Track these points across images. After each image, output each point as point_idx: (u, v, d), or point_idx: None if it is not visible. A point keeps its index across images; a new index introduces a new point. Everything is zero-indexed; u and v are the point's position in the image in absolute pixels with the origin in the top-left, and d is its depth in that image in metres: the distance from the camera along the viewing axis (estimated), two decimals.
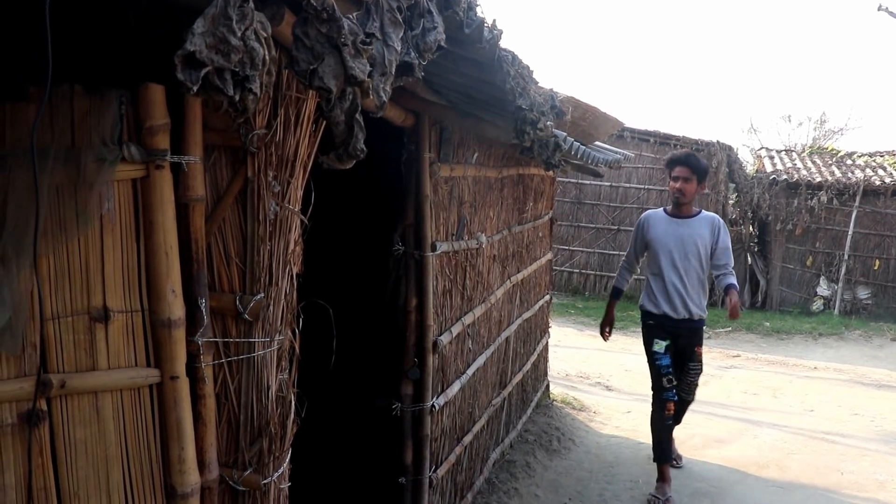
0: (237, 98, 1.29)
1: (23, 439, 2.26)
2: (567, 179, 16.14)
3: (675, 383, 6.16)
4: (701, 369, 6.35)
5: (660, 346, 6.15)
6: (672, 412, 6.25)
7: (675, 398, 6.22)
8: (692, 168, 5.92)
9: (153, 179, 2.34)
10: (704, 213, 6.16)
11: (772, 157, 18.16)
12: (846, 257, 16.09)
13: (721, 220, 6.11)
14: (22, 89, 2.23)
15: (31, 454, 2.26)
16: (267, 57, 1.33)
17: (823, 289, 16.34)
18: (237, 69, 1.26)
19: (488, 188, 5.41)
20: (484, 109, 3.93)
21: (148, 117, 2.31)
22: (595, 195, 17.17)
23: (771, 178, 16.62)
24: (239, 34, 1.25)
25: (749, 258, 17.03)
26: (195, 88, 1.22)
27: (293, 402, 2.68)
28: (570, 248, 17.20)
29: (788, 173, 16.67)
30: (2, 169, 2.13)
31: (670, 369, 6.12)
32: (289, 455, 2.71)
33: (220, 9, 1.24)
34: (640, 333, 6.52)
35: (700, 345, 6.28)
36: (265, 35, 1.34)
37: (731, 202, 17.52)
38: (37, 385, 2.24)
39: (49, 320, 2.27)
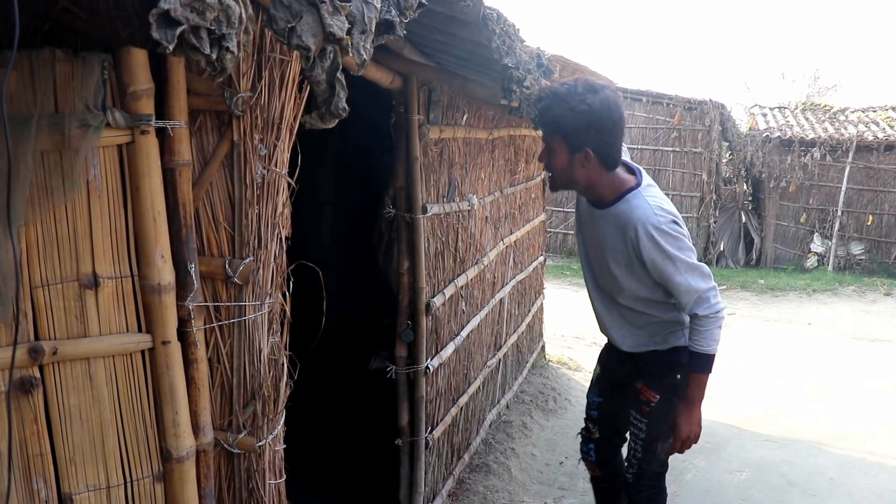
0: (214, 57, 1.29)
1: (17, 407, 2.27)
2: None
3: (595, 436, 4.08)
4: (655, 432, 3.61)
5: (595, 371, 4.22)
6: (598, 476, 4.16)
7: (595, 460, 4.12)
8: (551, 129, 3.29)
9: (139, 145, 2.33)
10: (624, 203, 3.30)
11: (765, 115, 18.10)
12: (839, 213, 16.11)
13: (644, 224, 3.20)
14: (1, 56, 2.22)
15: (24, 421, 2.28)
16: (244, 15, 1.33)
17: (817, 245, 16.39)
18: (213, 27, 1.25)
19: (479, 150, 5.39)
20: (471, 70, 3.90)
21: (131, 82, 2.29)
22: None
23: (764, 135, 16.58)
24: None
25: (743, 216, 17.05)
26: (171, 47, 1.21)
27: (286, 365, 2.70)
28: (565, 210, 17.19)
29: (781, 130, 16.64)
30: None
31: (594, 411, 4.08)
32: (283, 417, 2.73)
33: None
34: None
35: (647, 384, 3.62)
36: None
37: (724, 160, 17.51)
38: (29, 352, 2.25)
39: (39, 287, 2.27)
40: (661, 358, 3.56)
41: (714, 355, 3.32)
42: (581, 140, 3.19)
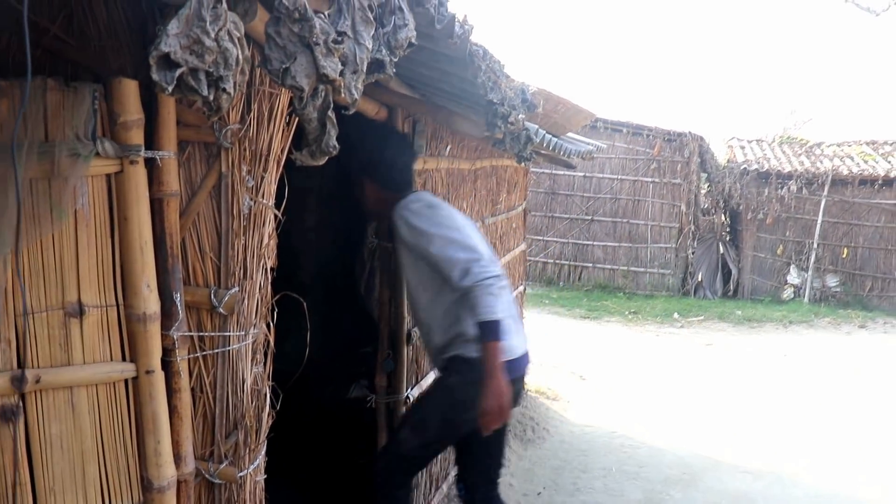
0: (211, 98, 1.31)
1: None
2: (541, 170, 16.22)
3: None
4: (405, 419, 4.06)
5: None
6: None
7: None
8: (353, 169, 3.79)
9: (127, 175, 2.34)
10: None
11: (743, 147, 18.35)
12: (815, 246, 16.32)
13: (398, 210, 3.57)
14: None
15: (4, 450, 2.27)
16: (240, 57, 1.36)
17: (794, 277, 16.57)
18: (211, 69, 1.28)
19: (461, 180, 5.44)
20: (456, 103, 3.96)
21: (122, 112, 2.31)
22: (569, 186, 17.27)
23: (742, 167, 16.80)
24: (213, 35, 1.27)
25: (721, 247, 17.21)
26: (170, 88, 1.24)
27: (268, 395, 2.71)
28: (545, 238, 17.29)
29: (759, 163, 16.86)
30: None
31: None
32: (264, 448, 2.73)
33: (193, 10, 1.26)
34: (611, 324, 6.46)
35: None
36: (238, 35, 1.36)
37: (703, 192, 17.70)
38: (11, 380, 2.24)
39: (23, 315, 2.27)
40: (451, 365, 3.67)
41: (498, 321, 3.32)
42: (373, 175, 3.71)
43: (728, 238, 17.48)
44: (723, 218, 17.62)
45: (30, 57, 1.42)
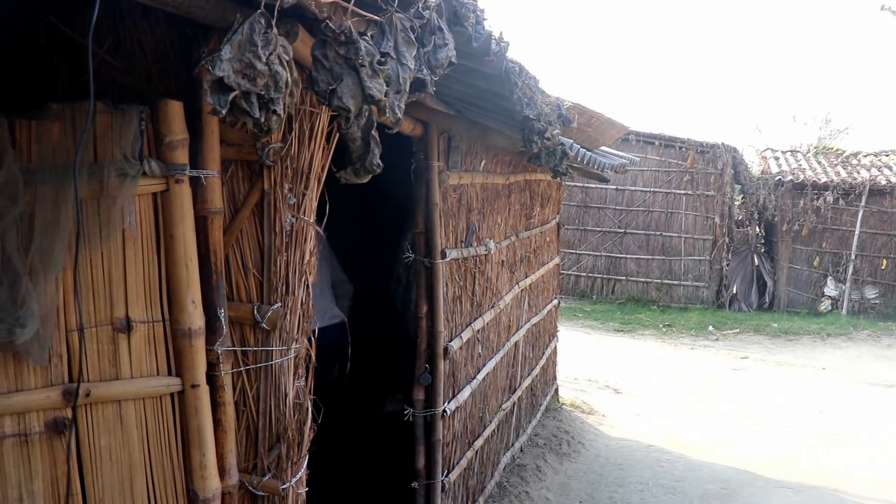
0: (262, 119, 1.36)
1: (50, 447, 2.32)
2: (573, 183, 16.19)
3: None
4: None
5: None
6: None
7: None
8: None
9: (173, 193, 2.40)
10: None
11: (777, 158, 18.17)
12: (853, 257, 16.10)
13: None
14: (45, 107, 2.30)
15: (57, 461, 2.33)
16: (289, 79, 1.40)
17: (831, 289, 16.34)
18: (263, 92, 1.33)
19: (496, 195, 5.47)
20: (491, 118, 3.99)
21: (167, 133, 2.37)
22: (601, 199, 17.21)
23: (776, 178, 16.63)
24: (264, 59, 1.31)
25: (756, 259, 17.04)
26: (224, 112, 1.28)
27: (310, 409, 2.75)
28: (577, 251, 17.24)
29: (794, 174, 16.68)
30: (29, 185, 2.20)
31: None
32: (306, 460, 2.77)
33: (245, 35, 1.30)
34: (645, 337, 6.43)
35: None
36: (287, 58, 1.41)
37: (737, 203, 17.55)
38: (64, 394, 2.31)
39: (74, 331, 2.33)
40: None
41: None
42: None
43: (763, 250, 17.30)
44: (757, 230, 17.45)
45: (92, 85, 1.47)
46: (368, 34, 1.70)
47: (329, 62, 1.51)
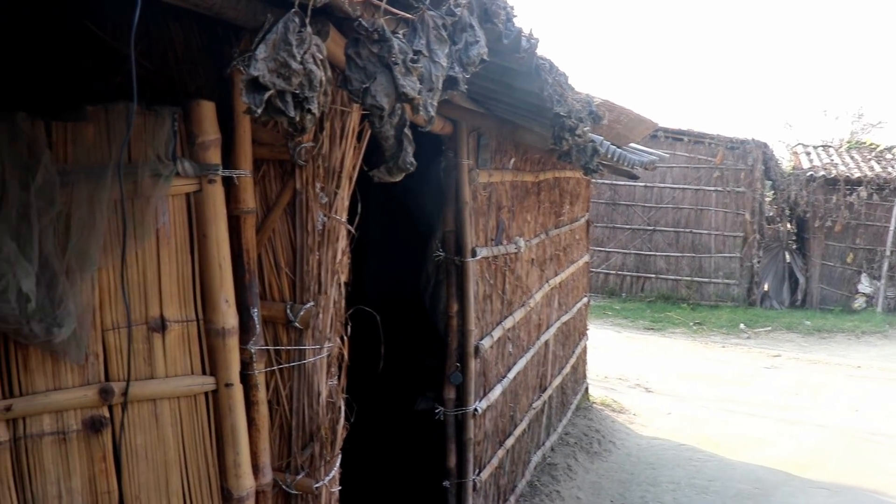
0: (297, 118, 1.36)
1: (87, 445, 2.35)
2: (602, 181, 16.10)
3: None
4: None
5: None
6: None
7: None
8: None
9: (206, 193, 2.42)
10: None
11: (808, 153, 17.94)
12: (888, 253, 15.86)
13: None
14: (80, 109, 2.33)
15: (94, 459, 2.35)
16: (324, 78, 1.40)
17: (865, 286, 16.11)
18: (297, 91, 1.33)
19: (525, 193, 5.45)
20: (521, 116, 3.98)
21: (200, 133, 2.39)
22: (630, 196, 17.10)
23: (808, 174, 16.43)
24: (299, 58, 1.31)
25: (788, 256, 16.84)
26: (259, 111, 1.29)
27: (343, 408, 2.75)
28: (606, 249, 17.15)
29: (826, 169, 16.47)
30: (64, 185, 2.22)
31: None
32: (339, 459, 2.78)
33: (280, 35, 1.30)
34: (675, 335, 6.33)
35: None
36: (321, 57, 1.40)
37: (767, 200, 17.36)
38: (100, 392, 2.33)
39: (110, 330, 2.35)
40: None
41: None
42: None
43: (795, 247, 17.09)
44: (789, 226, 17.25)
45: (135, 89, 1.47)
46: (401, 32, 1.69)
47: (362, 60, 1.51)
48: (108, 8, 2.54)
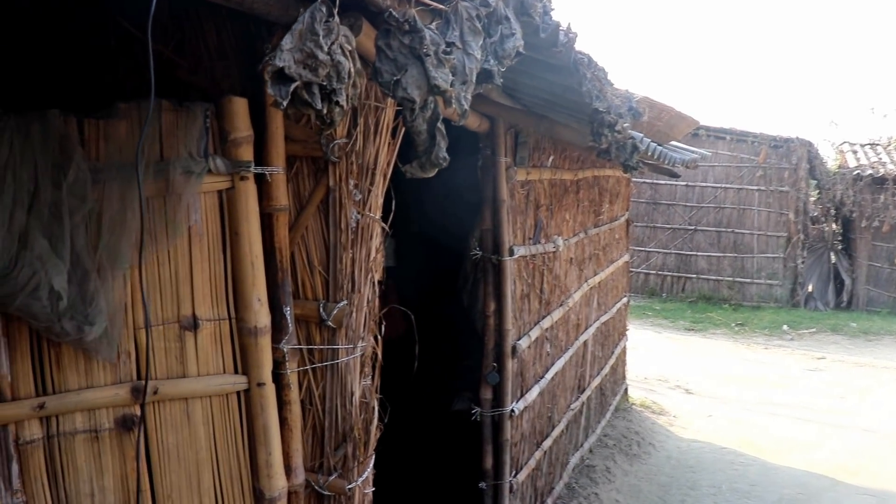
0: (325, 111, 1.32)
1: (119, 444, 2.34)
2: (642, 180, 15.90)
3: None
4: None
5: None
6: None
7: None
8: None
9: (238, 190, 2.40)
10: None
11: (855, 152, 17.53)
12: None
13: None
14: (112, 106, 2.31)
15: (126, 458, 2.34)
16: (352, 70, 1.36)
17: None
18: (325, 83, 1.29)
19: (564, 191, 5.38)
20: (559, 112, 3.91)
21: (232, 130, 2.36)
22: (671, 195, 16.88)
23: (855, 172, 16.05)
24: (326, 49, 1.27)
25: (833, 257, 16.49)
26: (285, 103, 1.25)
27: (376, 408, 2.71)
28: (646, 249, 16.95)
29: (873, 168, 16.08)
30: (96, 183, 2.21)
31: None
32: (372, 460, 2.74)
33: (306, 25, 1.26)
34: (716, 336, 6.20)
35: None
36: (350, 48, 1.36)
37: (812, 199, 17.02)
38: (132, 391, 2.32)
39: (142, 329, 2.34)
40: None
41: None
42: None
43: (840, 247, 16.72)
44: (834, 226, 16.87)
45: (153, 82, 1.44)
46: (433, 24, 1.65)
47: (393, 52, 1.47)
48: (143, 5, 2.53)
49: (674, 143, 8.26)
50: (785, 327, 14.01)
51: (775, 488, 6.52)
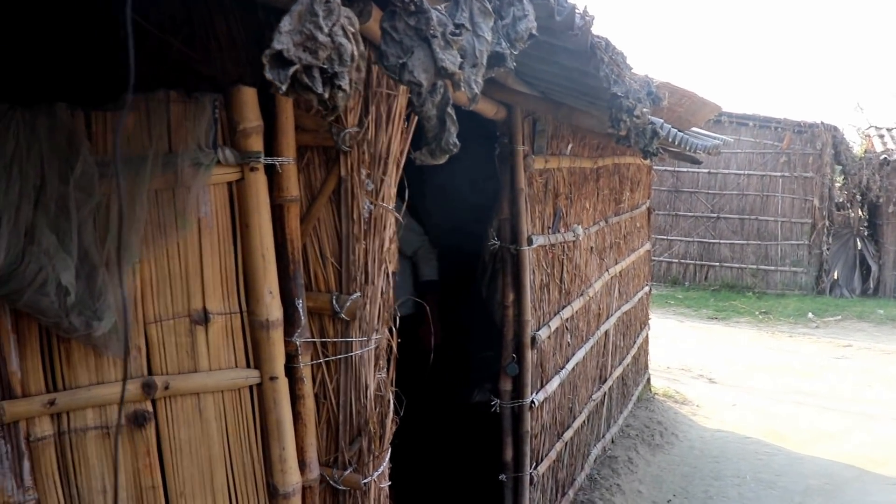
0: (326, 96, 1.26)
1: (131, 440, 2.31)
2: (663, 167, 15.74)
3: None
4: None
5: None
6: None
7: None
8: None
9: (248, 182, 2.35)
10: None
11: (881, 136, 17.23)
12: None
13: None
14: (120, 99, 2.27)
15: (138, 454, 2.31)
16: (355, 52, 1.30)
17: None
18: (325, 66, 1.23)
19: (583, 179, 5.30)
20: (577, 99, 3.84)
21: (241, 120, 2.32)
22: (693, 183, 16.70)
23: (882, 157, 15.78)
24: (326, 30, 1.22)
25: (859, 243, 16.24)
26: (284, 87, 1.20)
27: (392, 401, 2.67)
28: (668, 237, 16.79)
29: None
30: (104, 176, 2.17)
31: None
32: (388, 454, 2.69)
33: (306, 5, 1.21)
34: (740, 324, 6.11)
35: None
36: (353, 30, 1.31)
37: (837, 185, 16.79)
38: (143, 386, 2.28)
39: (152, 323, 2.31)
40: None
41: None
42: None
43: (866, 233, 16.47)
44: (860, 212, 16.63)
45: (132, 66, 1.39)
46: (441, 6, 1.59)
47: (398, 34, 1.41)
48: None
49: (695, 129, 8.14)
50: (810, 315, 13.84)
51: (801, 478, 6.43)
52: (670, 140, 5.34)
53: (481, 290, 4.55)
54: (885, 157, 15.70)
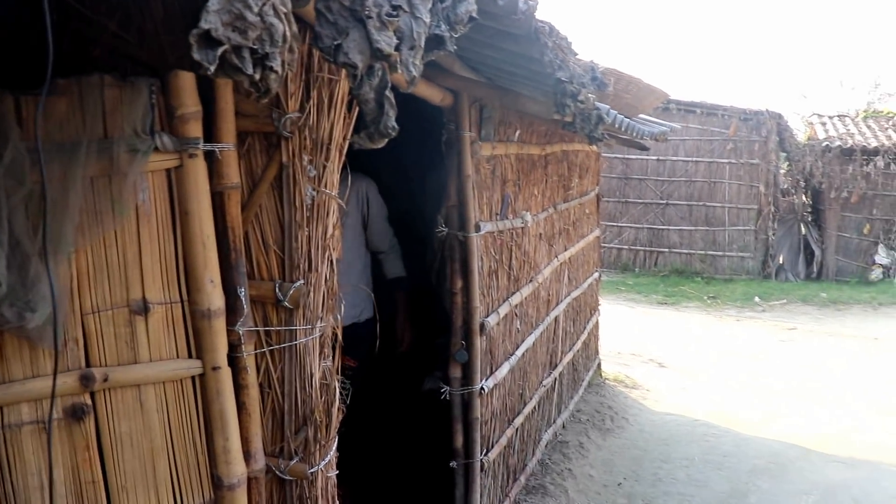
0: (258, 77, 1.23)
1: (69, 434, 2.25)
2: (613, 155, 15.90)
3: None
4: None
5: None
6: None
7: None
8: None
9: (187, 168, 2.30)
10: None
11: (824, 124, 17.63)
12: None
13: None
14: (52, 83, 2.20)
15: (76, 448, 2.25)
16: (287, 33, 1.27)
17: (882, 257, 15.88)
18: (256, 46, 1.20)
19: (532, 166, 5.31)
20: (523, 84, 3.83)
21: (179, 105, 2.27)
22: (642, 170, 16.90)
23: (824, 144, 16.14)
24: (256, 10, 1.19)
25: (803, 228, 16.61)
26: (213, 68, 1.16)
27: (337, 390, 2.65)
28: (619, 224, 16.97)
29: (842, 139, 16.18)
30: (35, 164, 2.11)
31: None
32: (335, 443, 2.67)
33: None
34: (689, 309, 6.21)
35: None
36: (284, 10, 1.28)
37: (782, 171, 17.10)
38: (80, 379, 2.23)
39: (89, 314, 2.25)
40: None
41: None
42: None
43: (810, 218, 16.85)
44: (804, 198, 17.00)
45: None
46: None
47: (333, 15, 1.38)
48: None
49: (643, 116, 8.22)
50: (757, 299, 14.11)
51: (747, 459, 6.56)
52: (617, 126, 5.38)
53: (431, 278, 4.54)
54: (828, 144, 16.06)
